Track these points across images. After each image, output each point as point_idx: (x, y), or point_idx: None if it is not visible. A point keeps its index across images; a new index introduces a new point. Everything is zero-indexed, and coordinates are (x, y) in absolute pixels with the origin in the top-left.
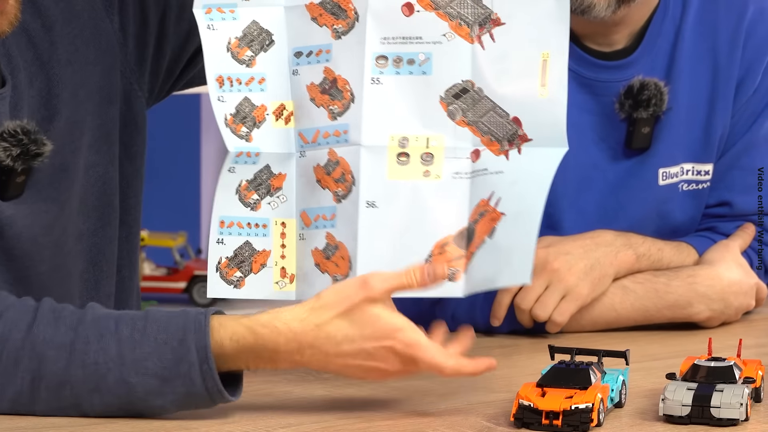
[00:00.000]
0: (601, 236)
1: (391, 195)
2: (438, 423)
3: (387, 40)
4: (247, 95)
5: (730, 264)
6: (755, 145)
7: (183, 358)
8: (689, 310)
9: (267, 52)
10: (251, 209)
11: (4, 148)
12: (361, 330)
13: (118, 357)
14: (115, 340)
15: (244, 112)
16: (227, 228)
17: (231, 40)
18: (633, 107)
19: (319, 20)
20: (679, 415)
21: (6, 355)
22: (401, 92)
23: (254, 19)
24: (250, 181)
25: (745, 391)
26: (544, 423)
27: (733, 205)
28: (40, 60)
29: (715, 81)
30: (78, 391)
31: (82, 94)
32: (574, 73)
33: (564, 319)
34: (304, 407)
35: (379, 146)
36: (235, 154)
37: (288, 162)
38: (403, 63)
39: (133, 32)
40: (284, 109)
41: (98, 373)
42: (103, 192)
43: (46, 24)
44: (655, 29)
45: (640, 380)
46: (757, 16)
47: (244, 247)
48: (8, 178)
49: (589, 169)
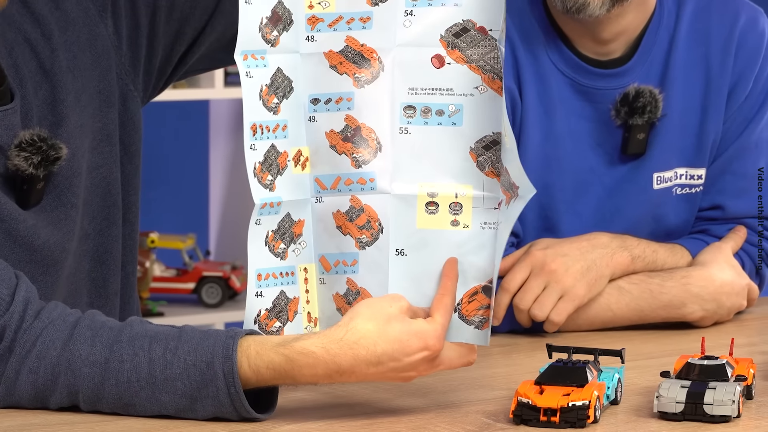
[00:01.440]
0: (597, 238)
1: (420, 243)
2: (439, 420)
3: (415, 91)
4: (273, 142)
5: (723, 265)
6: (746, 150)
7: (210, 382)
8: (683, 310)
9: (288, 99)
10: (281, 259)
11: (25, 157)
12: (400, 346)
13: (150, 377)
14: (147, 360)
15: (270, 160)
16: (264, 281)
17: (262, 87)
18: (629, 114)
19: (339, 68)
20: (673, 412)
21: (43, 371)
22: (430, 142)
23: (279, 66)
24: (275, 232)
25: (737, 388)
26: (542, 420)
27: (725, 209)
28: (43, 68)
29: (708, 88)
30: (113, 405)
31: (84, 98)
32: (571, 80)
33: (561, 318)
34: (307, 404)
35: (408, 195)
36: (260, 206)
37: (305, 208)
38: (432, 113)
39: (127, 35)
40: (301, 155)
41: (131, 390)
42: (107, 192)
43: (45, 33)
44: (650, 38)
45: (636, 378)
46: (748, 25)
47: (280, 297)
48: (30, 186)
49: (587, 174)
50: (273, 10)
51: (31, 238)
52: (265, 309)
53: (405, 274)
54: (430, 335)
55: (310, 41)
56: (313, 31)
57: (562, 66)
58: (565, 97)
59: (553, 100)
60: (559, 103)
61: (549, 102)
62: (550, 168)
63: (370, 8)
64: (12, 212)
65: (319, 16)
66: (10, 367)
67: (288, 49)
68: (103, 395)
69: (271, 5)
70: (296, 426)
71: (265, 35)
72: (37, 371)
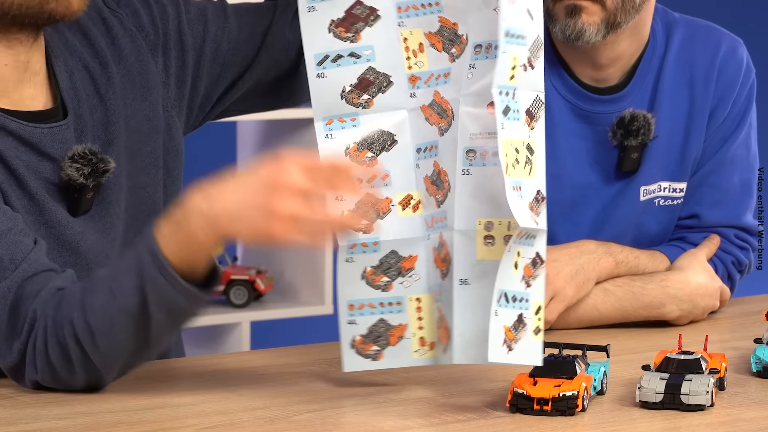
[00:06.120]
0: (584, 245)
1: (480, 273)
2: (443, 408)
3: (475, 136)
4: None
5: (698, 270)
6: (722, 165)
7: (140, 263)
8: (662, 309)
9: (389, 152)
10: (382, 290)
11: (77, 168)
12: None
13: (106, 283)
14: (101, 280)
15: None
16: (358, 310)
17: (349, 145)
18: (624, 136)
19: (430, 120)
20: (653, 401)
21: (40, 333)
22: (486, 181)
23: (375, 123)
24: (376, 267)
25: (711, 380)
26: (536, 408)
27: (701, 218)
28: (99, 93)
29: (692, 110)
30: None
31: (133, 123)
32: (572, 105)
33: (553, 317)
34: (323, 394)
35: (469, 230)
36: (349, 246)
37: (418, 245)
38: (489, 155)
39: (174, 73)
40: (411, 198)
41: (102, 309)
42: (152, 210)
43: (102, 63)
44: (645, 68)
45: (620, 371)
46: (728, 54)
47: (378, 324)
48: (80, 195)
49: (585, 189)
50: (360, 78)
51: (78, 243)
52: (359, 335)
53: (467, 301)
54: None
55: (413, 97)
56: (414, 89)
57: (563, 92)
58: (566, 120)
59: (555, 122)
60: (561, 125)
61: (551, 124)
62: (551, 183)
63: (450, 65)
64: (62, 219)
65: (417, 74)
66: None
67: (388, 107)
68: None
69: (357, 74)
70: (314, 414)
71: (351, 101)
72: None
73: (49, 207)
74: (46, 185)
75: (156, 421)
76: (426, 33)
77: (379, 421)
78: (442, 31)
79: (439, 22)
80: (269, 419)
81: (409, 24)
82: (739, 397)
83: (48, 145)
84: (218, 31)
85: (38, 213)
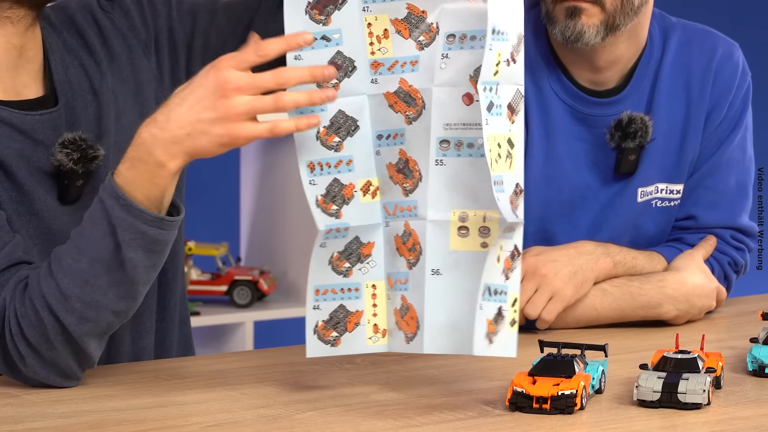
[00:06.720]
0: (583, 246)
1: (452, 264)
2: (443, 407)
3: (449, 126)
4: (336, 176)
5: (694, 270)
6: (719, 167)
7: (103, 207)
8: (659, 309)
9: (353, 137)
10: (344, 276)
11: (66, 153)
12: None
13: (72, 244)
14: (65, 247)
15: (333, 192)
16: (322, 295)
17: (319, 129)
18: (622, 138)
19: (395, 107)
20: (650, 400)
21: (12, 319)
22: (462, 172)
23: (340, 108)
24: (341, 252)
25: (707, 379)
26: (535, 407)
27: (697, 219)
28: (93, 89)
29: (688, 113)
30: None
31: (124, 120)
32: (571, 108)
33: (552, 317)
34: (326, 394)
35: (442, 221)
36: (326, 231)
37: (376, 231)
38: (464, 146)
39: (168, 70)
40: (371, 185)
41: (77, 265)
42: None
43: (96, 61)
44: (642, 71)
45: (617, 370)
46: (724, 58)
47: (338, 310)
48: (70, 182)
49: (583, 190)
50: (330, 62)
51: (66, 233)
52: (321, 320)
53: (438, 292)
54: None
55: (374, 83)
56: (376, 75)
57: (562, 95)
58: (565, 123)
59: (554, 124)
60: (560, 128)
61: (550, 126)
62: (550, 185)
63: (418, 52)
64: (51, 208)
65: (380, 60)
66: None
67: (352, 92)
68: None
69: (327, 58)
70: (316, 413)
71: (321, 85)
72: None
73: (38, 196)
74: (37, 173)
75: (160, 420)
76: (392, 19)
77: (379, 419)
78: (410, 18)
79: (406, 8)
80: (272, 418)
81: (374, 9)
82: (736, 395)
83: (40, 132)
84: (207, 25)
85: (28, 203)
